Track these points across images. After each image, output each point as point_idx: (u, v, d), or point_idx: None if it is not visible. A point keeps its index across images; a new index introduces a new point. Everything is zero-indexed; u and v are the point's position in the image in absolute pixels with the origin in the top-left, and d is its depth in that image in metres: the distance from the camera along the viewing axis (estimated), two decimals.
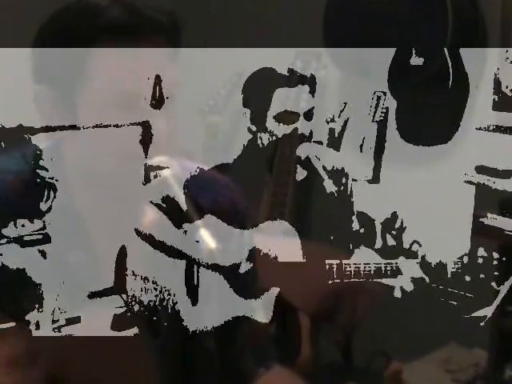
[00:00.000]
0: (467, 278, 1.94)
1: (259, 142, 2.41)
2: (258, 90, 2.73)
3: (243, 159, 2.72)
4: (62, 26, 1.36)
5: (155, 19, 1.35)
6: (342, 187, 2.32)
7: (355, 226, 2.25)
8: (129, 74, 1.33)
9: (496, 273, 1.93)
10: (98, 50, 1.32)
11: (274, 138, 2.57)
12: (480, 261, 1.95)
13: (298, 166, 2.48)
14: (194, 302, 1.40)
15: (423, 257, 2.15)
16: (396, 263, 1.98)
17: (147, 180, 1.35)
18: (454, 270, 1.95)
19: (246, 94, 2.53)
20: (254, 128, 2.33)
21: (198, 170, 1.49)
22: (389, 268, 1.97)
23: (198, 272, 1.36)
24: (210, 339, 1.47)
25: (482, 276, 1.94)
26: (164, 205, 1.35)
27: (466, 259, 1.95)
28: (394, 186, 2.52)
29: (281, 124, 2.56)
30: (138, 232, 1.42)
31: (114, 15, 1.33)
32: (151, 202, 1.36)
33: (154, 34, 1.34)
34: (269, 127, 2.57)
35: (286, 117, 2.60)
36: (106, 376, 1.40)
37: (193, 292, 1.39)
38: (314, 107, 2.59)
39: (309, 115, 2.62)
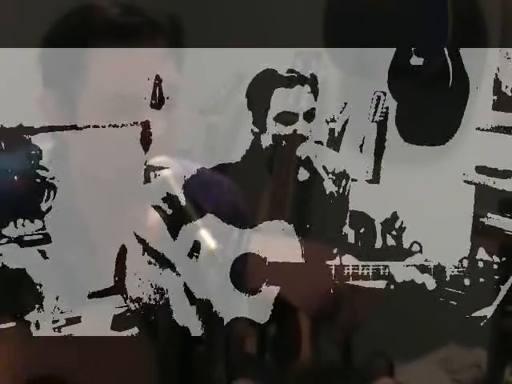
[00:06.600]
0: (467, 278, 1.94)
1: (262, 143, 2.41)
2: (260, 92, 2.72)
3: (243, 159, 2.72)
4: (65, 27, 1.37)
5: (155, 21, 1.35)
6: (342, 187, 2.32)
7: (355, 226, 2.25)
8: (129, 75, 1.33)
9: (496, 273, 1.93)
10: (98, 50, 1.33)
11: (275, 138, 2.57)
12: (480, 261, 1.95)
13: (301, 167, 2.48)
14: (192, 301, 1.40)
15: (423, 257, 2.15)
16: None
17: (147, 180, 1.35)
18: (454, 270, 1.95)
19: (250, 96, 2.53)
20: (256, 130, 2.33)
21: (199, 171, 1.49)
22: (386, 270, 1.96)
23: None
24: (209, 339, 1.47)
25: (481, 276, 1.94)
26: (164, 204, 1.35)
27: (465, 259, 1.95)
28: (394, 186, 2.52)
29: (281, 124, 2.56)
30: (136, 236, 1.42)
31: (114, 17, 1.33)
32: (152, 205, 1.36)
33: (154, 35, 1.35)
34: (269, 128, 2.57)
35: (286, 117, 2.60)
36: (106, 376, 1.40)
37: (190, 291, 1.39)
38: (314, 107, 2.59)
39: (309, 115, 2.61)
